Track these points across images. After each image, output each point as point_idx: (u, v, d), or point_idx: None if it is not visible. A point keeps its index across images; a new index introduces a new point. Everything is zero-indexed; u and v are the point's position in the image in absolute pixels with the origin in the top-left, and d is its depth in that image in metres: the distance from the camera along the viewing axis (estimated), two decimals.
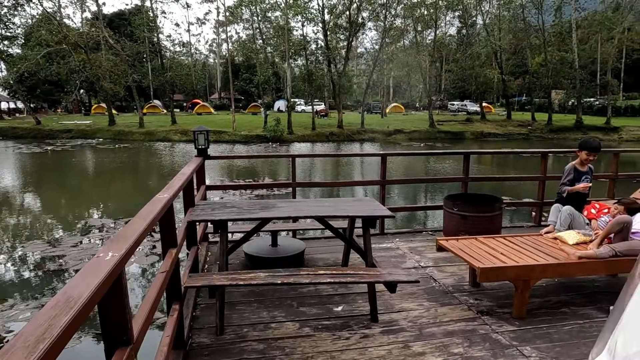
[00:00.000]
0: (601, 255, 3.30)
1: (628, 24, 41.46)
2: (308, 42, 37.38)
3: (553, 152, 5.86)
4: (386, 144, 31.90)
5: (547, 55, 40.45)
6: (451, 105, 55.24)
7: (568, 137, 37.99)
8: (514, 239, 3.88)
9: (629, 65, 53.86)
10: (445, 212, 4.89)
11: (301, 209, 3.44)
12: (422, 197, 12.74)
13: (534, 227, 5.80)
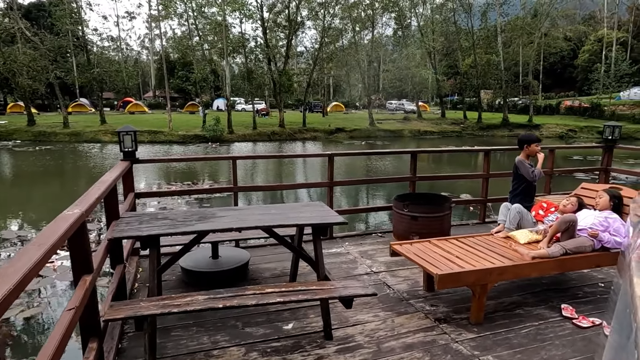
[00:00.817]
0: (553, 254, 3.27)
1: (545, 29, 44.94)
2: (247, 39, 36.55)
3: (495, 150, 5.93)
4: (328, 143, 31.98)
5: (476, 57, 42.76)
6: (389, 104, 56.79)
7: (496, 134, 40.44)
8: (466, 240, 3.78)
9: (546, 68, 58.52)
10: (395, 214, 4.74)
11: (244, 218, 3.08)
12: (366, 197, 12.74)
13: (480, 224, 5.85)
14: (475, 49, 42.79)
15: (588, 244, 3.39)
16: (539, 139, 4.40)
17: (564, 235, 3.46)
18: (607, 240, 3.39)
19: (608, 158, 6.43)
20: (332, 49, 44.85)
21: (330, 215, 3.20)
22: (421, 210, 4.53)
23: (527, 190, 4.27)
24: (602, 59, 52.86)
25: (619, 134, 6.46)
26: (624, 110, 44.45)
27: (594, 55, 56.31)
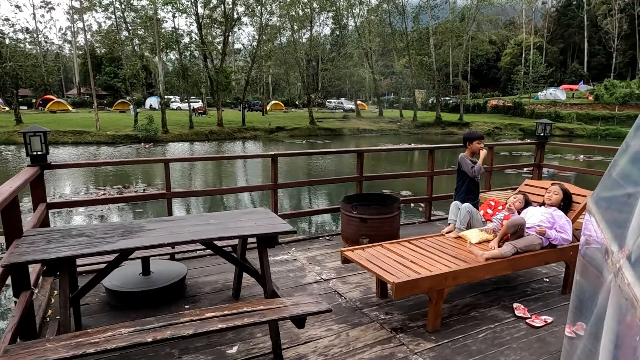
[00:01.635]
0: (506, 254, 3.21)
1: (472, 33, 47.59)
2: (181, 35, 34.96)
3: (439, 148, 5.93)
4: (269, 142, 31.48)
5: (410, 58, 44.29)
6: (328, 103, 57.24)
7: (430, 132, 42.16)
8: (419, 242, 3.65)
9: (473, 69, 62.15)
10: (344, 216, 4.53)
11: (178, 231, 2.69)
12: (310, 198, 12.51)
13: (426, 222, 5.82)
14: (409, 50, 44.30)
15: (537, 242, 3.38)
16: (482, 136, 4.45)
17: (513, 235, 3.43)
18: (555, 238, 3.40)
19: (540, 154, 6.70)
20: (271, 47, 44.30)
21: (277, 224, 2.89)
22: (370, 212, 4.36)
23: (470, 186, 4.30)
24: (522, 62, 57.06)
25: (550, 132, 6.76)
26: (542, 109, 48.17)
27: (514, 58, 60.69)
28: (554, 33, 67.62)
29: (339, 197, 12.85)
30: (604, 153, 23.54)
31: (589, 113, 45.36)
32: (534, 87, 53.48)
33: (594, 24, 62.98)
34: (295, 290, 3.66)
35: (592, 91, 50.70)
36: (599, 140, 39.13)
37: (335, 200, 12.28)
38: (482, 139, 4.38)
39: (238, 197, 11.93)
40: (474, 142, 4.31)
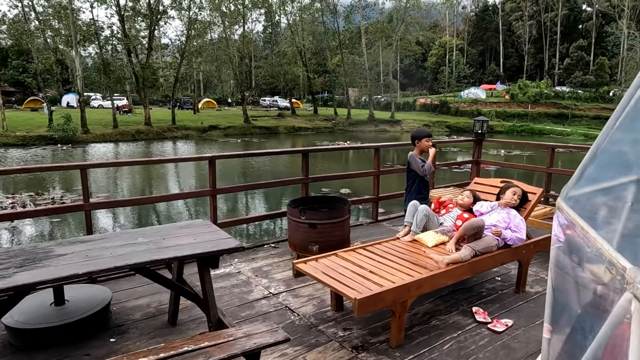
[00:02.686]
0: (465, 258, 3.08)
1: (401, 34, 49.30)
2: (101, 27, 32.33)
3: (385, 146, 5.79)
4: (202, 142, 30.18)
5: (342, 57, 44.85)
6: (263, 101, 56.38)
7: (364, 130, 43.02)
8: (374, 248, 3.41)
9: (402, 69, 64.63)
10: (291, 221, 4.19)
11: (98, 255, 2.19)
12: (249, 202, 11.99)
13: (374, 223, 5.65)
14: (342, 49, 44.85)
15: (494, 243, 3.29)
16: (430, 134, 4.39)
17: (472, 237, 3.31)
18: (510, 238, 3.34)
19: (478, 151, 6.83)
20: (201, 43, 42.56)
21: (220, 239, 2.49)
22: (320, 216, 4.06)
23: (421, 185, 4.25)
24: (446, 62, 60.26)
25: (487, 129, 6.92)
26: (465, 107, 51.19)
27: (439, 59, 63.98)
28: (474, 36, 72.22)
29: (282, 200, 12.14)
30: (529, 148, 25.37)
31: (506, 111, 48.92)
32: (457, 87, 56.74)
33: (508, 29, 68.17)
34: (241, 309, 3.27)
35: (508, 90, 54.82)
36: (515, 135, 42.33)
37: (277, 203, 11.72)
38: (430, 137, 4.32)
39: (173, 206, 11.04)
40: (422, 140, 4.23)
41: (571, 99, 50.18)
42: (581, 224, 1.85)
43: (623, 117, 1.75)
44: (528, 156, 23.79)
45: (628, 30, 48.18)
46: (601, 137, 2.07)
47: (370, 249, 3.39)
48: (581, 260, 1.79)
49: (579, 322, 1.67)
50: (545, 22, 64.44)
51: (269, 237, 8.21)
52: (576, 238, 1.91)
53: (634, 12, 55.17)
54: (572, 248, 2.08)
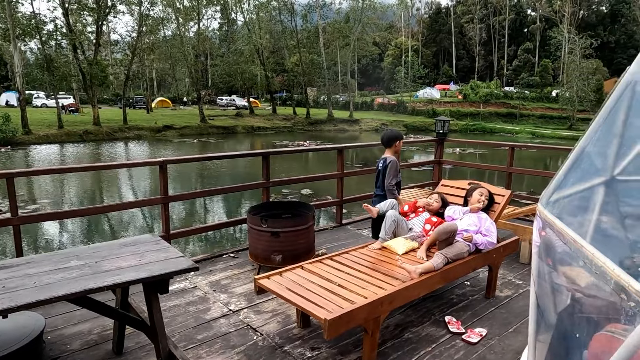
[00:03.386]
0: (438, 266, 2.92)
1: (358, 34, 49.72)
2: (43, 21, 30.24)
3: (348, 147, 5.60)
4: (156, 142, 28.98)
5: (301, 56, 44.62)
6: (220, 100, 55.14)
7: (323, 129, 43.02)
8: (342, 258, 3.20)
9: (360, 68, 65.34)
10: (252, 230, 3.90)
11: (20, 285, 1.82)
12: (205, 208, 11.33)
13: (339, 227, 5.46)
14: (300, 48, 44.61)
15: (466, 249, 3.17)
16: (402, 135, 4.29)
17: (443, 242, 3.17)
18: (481, 242, 3.23)
19: (440, 150, 6.81)
20: (154, 40, 40.93)
21: (170, 258, 2.18)
22: (283, 224, 3.80)
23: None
24: (402, 63, 61.46)
25: (448, 129, 6.91)
26: (421, 106, 52.46)
27: (395, 59, 65.19)
28: (428, 37, 74.25)
29: (242, 204, 11.57)
30: (482, 147, 26.16)
31: (460, 110, 50.56)
32: (413, 86, 58.04)
33: (460, 31, 70.59)
34: (198, 331, 2.95)
35: (461, 91, 56.73)
36: (468, 134, 43.82)
37: (237, 208, 11.19)
38: (402, 138, 4.21)
39: (124, 216, 10.11)
40: (399, 141, 4.08)
41: (519, 99, 52.62)
42: (571, 234, 1.72)
43: (604, 122, 1.77)
44: (481, 154, 24.58)
45: (568, 35, 51.07)
46: (584, 141, 2.00)
47: (337, 259, 3.17)
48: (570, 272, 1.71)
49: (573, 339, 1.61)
50: (494, 26, 67.23)
51: (228, 245, 7.70)
52: (563, 247, 1.80)
53: (573, 17, 58.68)
54: (558, 258, 1.96)
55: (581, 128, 44.15)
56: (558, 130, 44.44)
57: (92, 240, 8.29)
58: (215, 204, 11.34)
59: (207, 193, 4.26)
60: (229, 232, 8.41)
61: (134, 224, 9.90)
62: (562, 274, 1.74)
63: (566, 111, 48.11)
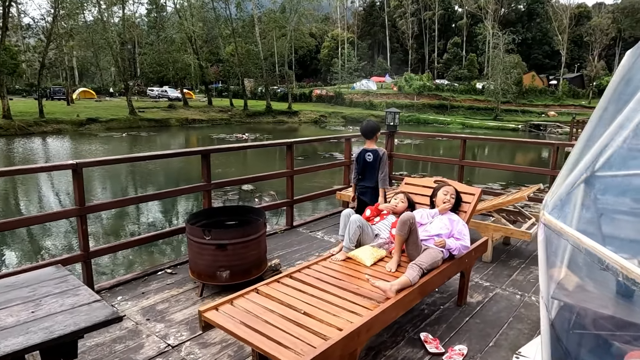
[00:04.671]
0: (414, 280, 2.56)
1: (295, 25, 49.04)
2: None
3: (298, 142, 5.12)
4: (79, 137, 26.50)
5: (236, 46, 43.10)
6: (150, 91, 51.94)
7: (262, 121, 42.07)
8: (302, 274, 2.73)
9: (297, 60, 64.78)
10: (192, 242, 3.31)
11: None
12: (140, 213, 9.83)
13: (290, 229, 4.98)
14: (236, 38, 43.08)
15: (440, 256, 2.84)
16: (380, 126, 4.22)
17: (410, 245, 2.83)
18: (455, 247, 2.92)
19: (391, 143, 6.55)
20: (73, 25, 37.37)
21: (81, 305, 1.59)
22: (230, 235, 3.25)
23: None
24: (338, 55, 61.74)
25: (398, 121, 6.67)
26: (358, 98, 53.13)
27: (332, 51, 65.38)
28: (363, 30, 75.25)
29: (181, 210, 10.26)
30: (417, 137, 26.79)
31: (395, 102, 51.78)
32: (350, 79, 58.58)
33: (393, 25, 72.29)
34: None
35: (396, 83, 58.21)
36: (404, 125, 45.00)
37: (175, 214, 9.98)
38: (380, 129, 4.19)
39: (19, 237, 7.97)
40: (379, 133, 4.08)
41: (449, 91, 55.03)
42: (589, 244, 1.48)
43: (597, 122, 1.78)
44: (417, 145, 25.18)
45: (492, 30, 54.12)
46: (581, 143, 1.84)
47: (298, 276, 2.70)
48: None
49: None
50: (425, 20, 69.65)
51: (164, 258, 6.64)
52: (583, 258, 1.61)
53: (496, 14, 62.26)
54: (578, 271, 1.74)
55: (505, 118, 47.20)
56: (485, 120, 47.05)
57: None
58: (148, 210, 10.05)
59: (135, 200, 3.56)
60: (165, 241, 7.32)
61: (40, 246, 7.77)
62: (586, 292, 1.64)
63: (491, 103, 51.09)
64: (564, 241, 1.65)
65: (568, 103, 51.20)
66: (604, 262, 1.26)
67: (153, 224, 9.12)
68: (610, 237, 1.75)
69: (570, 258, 1.66)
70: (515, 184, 13.99)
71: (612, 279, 1.26)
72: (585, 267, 1.57)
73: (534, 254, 4.38)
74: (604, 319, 1.67)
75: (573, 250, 1.63)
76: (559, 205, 1.78)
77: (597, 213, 1.87)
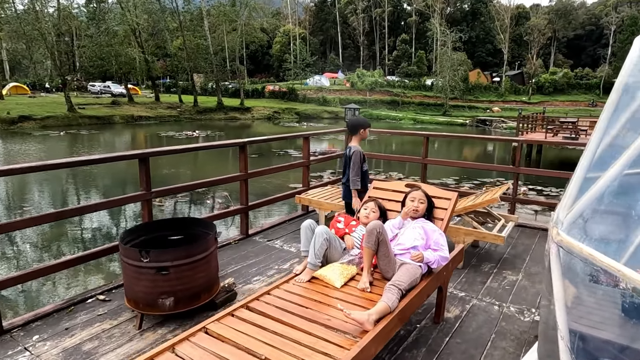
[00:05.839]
0: (394, 305, 2.20)
1: (245, 19, 47.84)
2: None
3: (253, 142, 4.62)
4: (10, 136, 24.25)
5: (184, 40, 41.37)
6: (92, 86, 48.80)
7: (213, 117, 40.75)
8: (261, 304, 2.29)
9: (249, 55, 63.42)
10: (127, 266, 2.77)
11: None
12: (67, 230, 8.10)
13: (245, 238, 4.50)
14: (183, 31, 41.33)
15: (418, 272, 2.50)
16: (368, 122, 4.02)
17: (381, 253, 2.47)
18: (434, 260, 2.59)
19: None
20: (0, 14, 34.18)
21: None
22: (174, 255, 2.73)
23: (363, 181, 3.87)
24: (290, 50, 61.10)
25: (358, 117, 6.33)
26: (312, 94, 52.85)
27: (284, 47, 64.60)
28: (315, 26, 74.99)
29: (119, 220, 8.93)
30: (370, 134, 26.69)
31: (348, 98, 51.99)
32: (303, 74, 58.17)
33: (345, 21, 72.58)
34: None
35: (348, 79, 58.49)
36: None
37: (112, 227, 8.64)
38: (370, 126, 4.00)
39: None
40: (364, 129, 3.90)
41: (400, 87, 56.05)
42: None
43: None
44: (370, 141, 25.27)
45: (441, 28, 55.66)
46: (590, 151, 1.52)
47: (256, 305, 2.26)
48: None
49: None
50: (376, 17, 70.47)
51: (96, 280, 5.60)
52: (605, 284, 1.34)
53: (443, 12, 64.12)
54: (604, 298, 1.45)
55: (453, 114, 48.81)
56: (435, 116, 48.33)
57: None
58: (75, 224, 8.43)
59: (54, 217, 2.88)
60: (91, 265, 6.02)
61: None
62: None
63: (440, 99, 52.60)
64: (591, 268, 1.36)
65: (510, 99, 53.71)
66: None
67: (86, 240, 7.84)
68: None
69: (604, 292, 1.35)
70: (467, 178, 14.24)
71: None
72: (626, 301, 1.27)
73: (504, 257, 4.20)
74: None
75: (605, 281, 1.33)
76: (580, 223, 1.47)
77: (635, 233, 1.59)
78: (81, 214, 3.23)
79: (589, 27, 65.82)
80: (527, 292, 3.44)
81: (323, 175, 13.19)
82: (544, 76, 55.87)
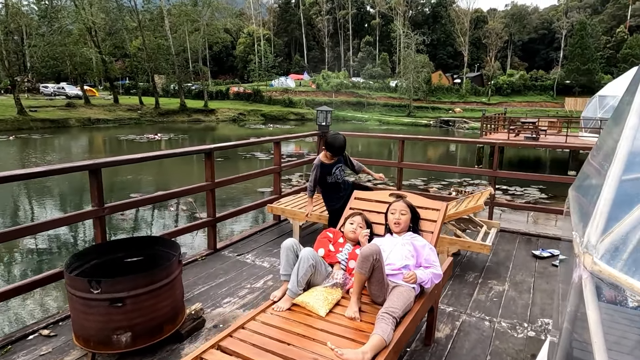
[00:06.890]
0: (389, 337, 1.93)
1: (208, 19, 46.77)
2: None
3: (219, 148, 4.24)
4: None
5: (144, 39, 39.94)
6: (45, 88, 46.21)
7: (176, 120, 39.52)
8: (235, 341, 1.96)
9: (213, 56, 62.14)
10: (74, 298, 2.36)
11: None
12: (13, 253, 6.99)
13: (212, 254, 4.12)
14: (143, 31, 39.89)
15: (412, 295, 2.25)
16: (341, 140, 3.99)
17: (374, 279, 2.20)
18: (427, 279, 2.34)
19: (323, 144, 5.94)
20: None
21: None
22: (131, 284, 2.35)
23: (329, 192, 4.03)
24: (254, 51, 60.35)
25: (330, 120, 6.08)
26: (277, 96, 52.38)
27: (248, 47, 63.75)
28: (279, 27, 74.45)
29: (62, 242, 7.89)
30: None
31: (314, 99, 51.92)
32: (268, 76, 57.58)
33: (309, 22, 72.50)
34: None
35: (314, 80, 58.39)
36: None
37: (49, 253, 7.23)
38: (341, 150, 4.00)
39: None
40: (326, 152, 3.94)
41: (365, 89, 56.52)
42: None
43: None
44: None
45: (404, 30, 56.55)
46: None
47: (228, 344, 1.93)
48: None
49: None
50: (340, 19, 70.81)
51: (38, 312, 4.90)
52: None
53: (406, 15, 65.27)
54: None
55: (417, 115, 49.63)
56: (400, 117, 48.99)
57: None
58: (16, 247, 7.14)
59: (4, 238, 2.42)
60: (35, 294, 5.18)
61: None
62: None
63: (405, 100, 53.42)
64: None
65: (471, 100, 55.27)
66: None
67: (30, 263, 6.67)
68: None
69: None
70: (435, 179, 14.31)
71: None
72: None
73: (487, 265, 4.04)
74: None
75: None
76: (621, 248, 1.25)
77: None
78: (14, 238, 2.76)
79: (542, 31, 68.78)
80: (516, 305, 3.27)
81: (292, 178, 12.85)
82: (502, 78, 57.86)
